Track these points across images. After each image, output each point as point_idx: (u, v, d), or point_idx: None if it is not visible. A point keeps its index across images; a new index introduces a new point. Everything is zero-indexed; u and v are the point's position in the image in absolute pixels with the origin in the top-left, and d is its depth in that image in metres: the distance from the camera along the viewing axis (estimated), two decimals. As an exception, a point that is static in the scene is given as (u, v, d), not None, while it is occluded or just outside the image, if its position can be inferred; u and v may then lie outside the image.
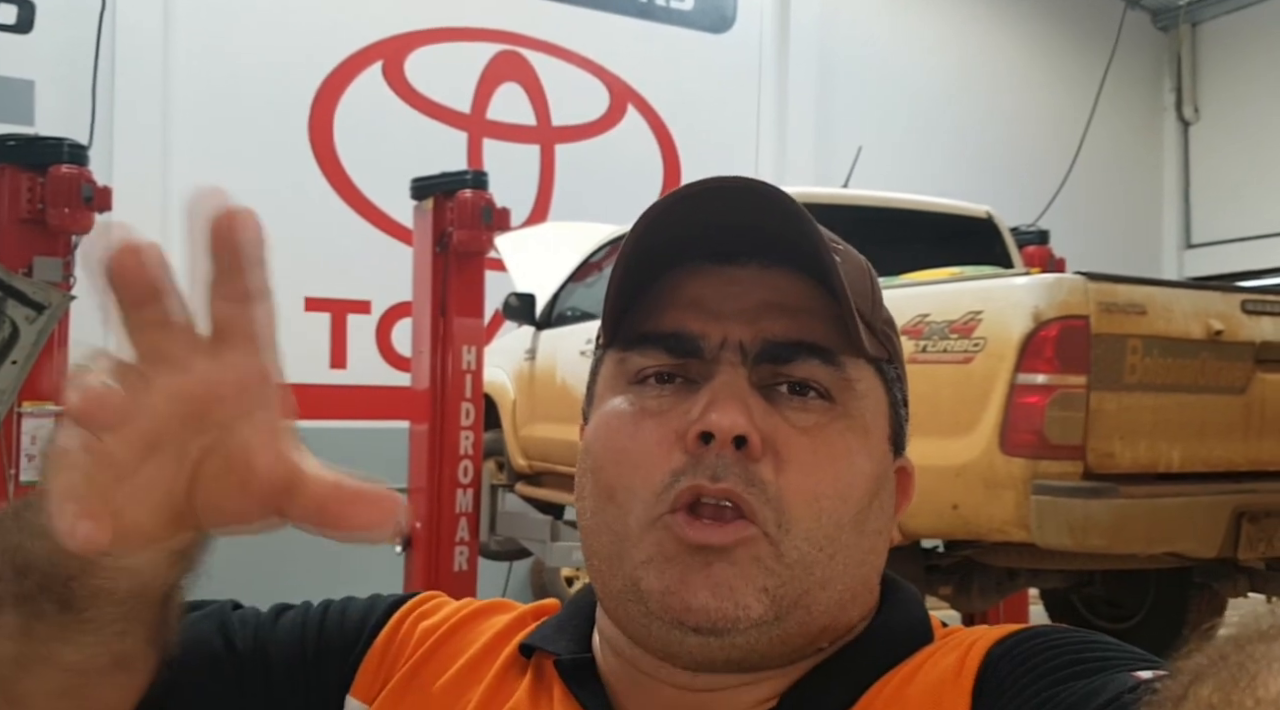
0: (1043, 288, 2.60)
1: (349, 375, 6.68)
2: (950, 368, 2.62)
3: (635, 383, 0.62)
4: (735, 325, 0.61)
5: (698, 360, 0.61)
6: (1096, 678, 0.51)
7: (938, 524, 2.76)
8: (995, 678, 0.55)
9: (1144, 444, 2.65)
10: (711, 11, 7.88)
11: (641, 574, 0.58)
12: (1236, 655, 0.36)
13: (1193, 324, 2.72)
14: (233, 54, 6.37)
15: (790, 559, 0.57)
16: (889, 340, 0.65)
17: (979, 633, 0.60)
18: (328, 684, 0.69)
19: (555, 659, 0.65)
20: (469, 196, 4.15)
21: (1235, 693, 0.34)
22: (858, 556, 0.60)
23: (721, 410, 0.57)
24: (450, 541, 4.23)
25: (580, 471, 0.64)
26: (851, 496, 0.59)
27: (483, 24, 7.20)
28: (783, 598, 0.57)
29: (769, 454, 0.58)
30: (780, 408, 0.60)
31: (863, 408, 0.62)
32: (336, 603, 0.73)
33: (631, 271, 0.61)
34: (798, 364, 0.60)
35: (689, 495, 0.57)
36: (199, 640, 0.67)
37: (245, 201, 0.64)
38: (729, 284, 0.62)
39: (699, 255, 0.62)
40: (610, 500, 0.60)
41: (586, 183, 7.19)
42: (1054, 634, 0.57)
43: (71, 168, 3.66)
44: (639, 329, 0.62)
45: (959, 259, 3.46)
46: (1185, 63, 9.80)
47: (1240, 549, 2.71)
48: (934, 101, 8.52)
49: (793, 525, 0.57)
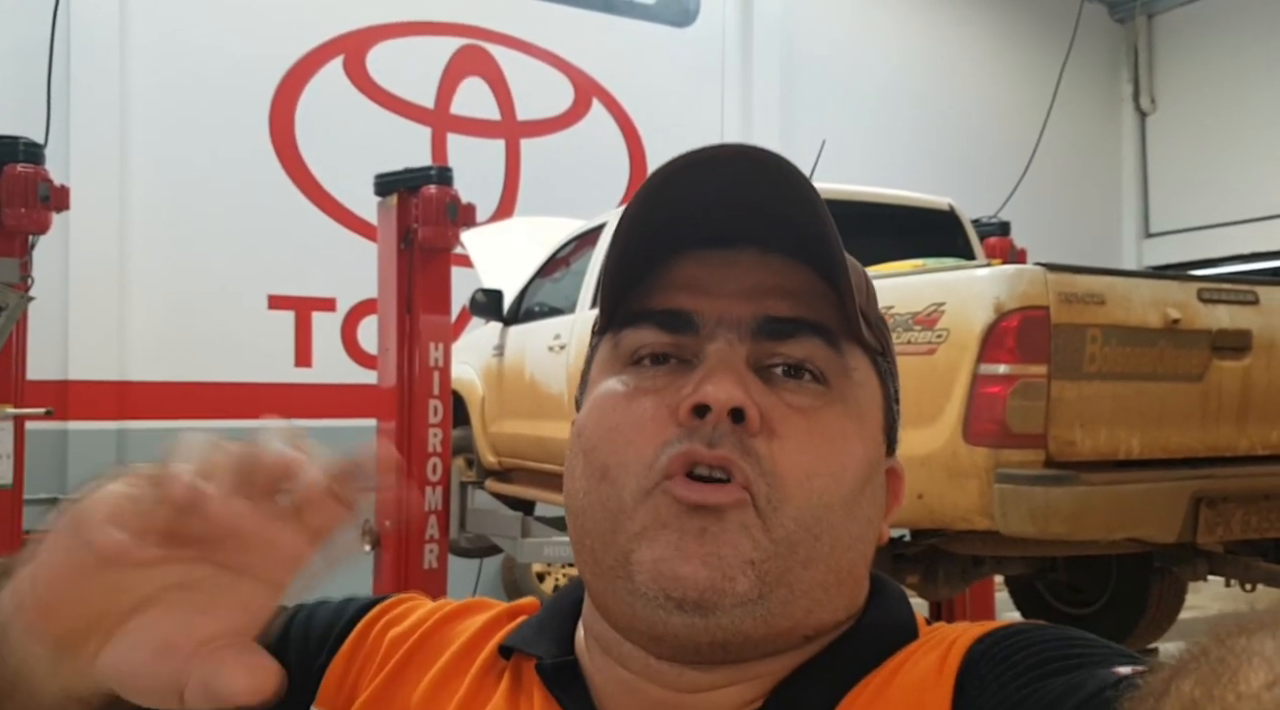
0: (1003, 279, 2.63)
1: (314, 373, 6.63)
2: (914, 359, 2.65)
3: (630, 364, 0.61)
4: (733, 303, 0.60)
5: (693, 336, 0.60)
6: (1077, 673, 0.51)
7: (904, 513, 2.79)
8: (976, 676, 0.55)
9: (1104, 432, 2.70)
10: (674, 5, 7.89)
11: (634, 546, 0.57)
12: (1217, 650, 0.36)
13: (1151, 313, 2.77)
14: (191, 49, 6.29)
15: (776, 536, 0.56)
16: (883, 335, 0.65)
17: (960, 630, 0.60)
18: (291, 696, 0.65)
19: (536, 662, 0.64)
20: (434, 192, 4.13)
21: (1217, 688, 0.34)
22: (844, 541, 0.59)
23: (718, 383, 0.57)
24: (420, 539, 4.21)
25: (571, 454, 0.62)
26: (844, 478, 0.59)
27: (445, 18, 7.16)
28: (767, 573, 0.56)
29: (765, 430, 0.57)
30: (776, 388, 0.59)
31: (859, 395, 0.61)
32: (305, 610, 0.72)
33: (627, 257, 0.60)
34: (798, 341, 0.60)
35: (683, 459, 0.57)
36: None
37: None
38: (727, 266, 0.61)
39: (696, 241, 0.61)
40: (603, 478, 0.59)
41: (552, 177, 7.18)
42: (1034, 631, 0.57)
43: (28, 167, 3.60)
44: (633, 308, 0.62)
45: (922, 251, 3.49)
46: (1142, 54, 9.94)
47: (1199, 533, 2.76)
48: (896, 94, 8.58)
49: (783, 502, 0.57)
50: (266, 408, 6.54)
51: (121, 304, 6.10)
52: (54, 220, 3.71)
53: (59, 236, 5.31)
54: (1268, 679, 0.34)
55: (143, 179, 6.17)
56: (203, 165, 6.31)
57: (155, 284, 6.18)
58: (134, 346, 6.13)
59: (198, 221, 6.27)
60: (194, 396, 6.23)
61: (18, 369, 3.64)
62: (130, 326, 6.12)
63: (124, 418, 6.04)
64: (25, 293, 3.52)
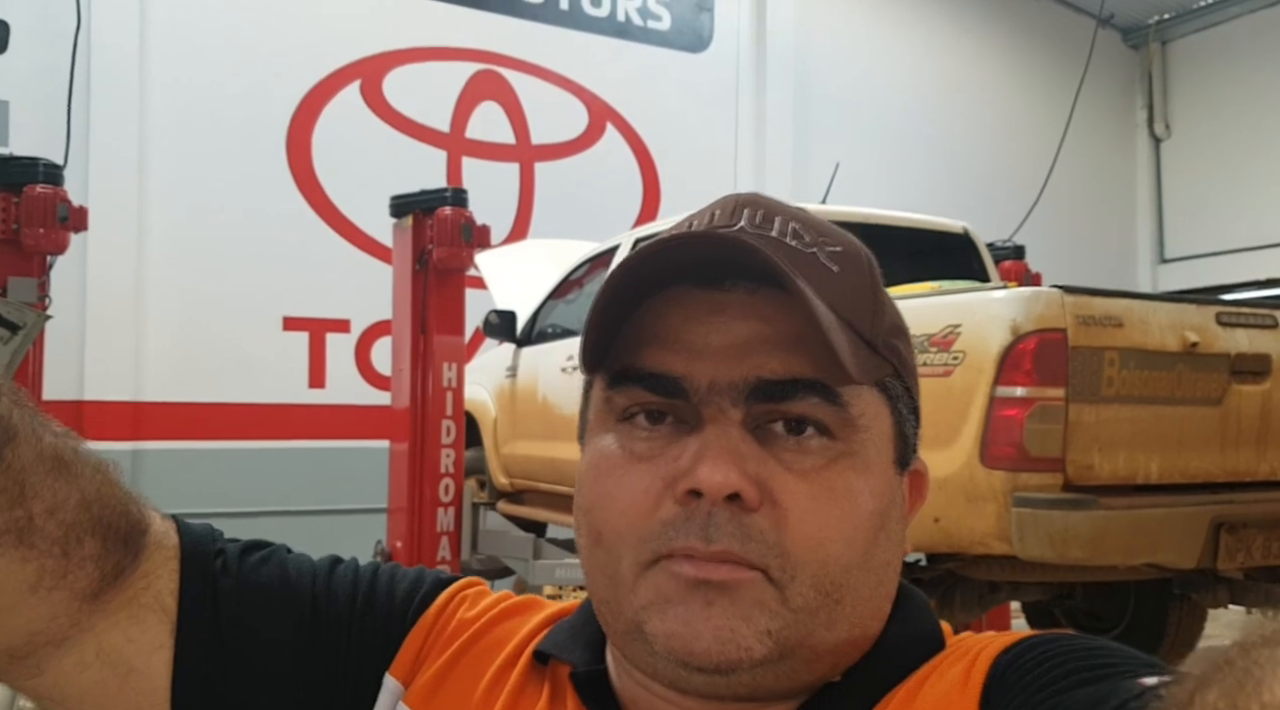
0: (1020, 301, 2.61)
1: (328, 394, 6.65)
2: (930, 381, 2.63)
3: (623, 419, 0.60)
4: (723, 364, 0.58)
5: (684, 401, 0.58)
6: (1103, 684, 0.50)
7: (920, 537, 2.76)
8: (1002, 687, 0.55)
9: (1122, 455, 2.67)
10: (688, 31, 7.94)
11: (644, 618, 0.57)
12: (1242, 660, 0.36)
13: (1169, 336, 2.75)
14: (210, 73, 6.36)
15: (795, 605, 0.56)
16: (894, 351, 0.62)
17: (985, 641, 0.60)
18: (369, 651, 0.68)
19: (570, 670, 0.64)
20: (449, 213, 4.14)
21: (1241, 698, 0.34)
22: (865, 592, 0.59)
23: (711, 465, 0.55)
24: (431, 560, 4.19)
25: (575, 508, 0.62)
26: (857, 538, 0.58)
27: (461, 44, 7.22)
28: (786, 640, 0.56)
29: (766, 503, 0.56)
30: (776, 450, 0.57)
31: (864, 441, 0.59)
32: (385, 567, 0.72)
33: (615, 298, 0.59)
34: (796, 401, 0.57)
35: (682, 556, 0.56)
36: (261, 583, 0.67)
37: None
38: (715, 314, 0.59)
39: (683, 279, 0.60)
40: (599, 544, 0.59)
41: (566, 200, 7.21)
42: (1059, 641, 0.57)
43: (47, 188, 3.62)
44: (622, 362, 0.60)
45: (936, 274, 3.48)
46: (1156, 80, 9.94)
47: (1219, 559, 2.73)
48: (910, 119, 8.59)
49: (799, 572, 0.56)
50: (280, 429, 6.56)
51: (137, 325, 6.14)
52: (72, 241, 3.74)
53: (77, 257, 5.35)
54: None
55: (160, 201, 6.22)
56: (220, 187, 6.35)
57: (171, 305, 6.22)
58: (149, 367, 6.16)
59: (214, 243, 6.31)
60: (208, 417, 6.25)
61: (34, 389, 3.65)
62: (146, 347, 6.15)
63: (139, 438, 6.06)
64: (43, 311, 3.54)
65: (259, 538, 0.72)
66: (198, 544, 0.67)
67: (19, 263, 3.61)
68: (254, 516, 6.16)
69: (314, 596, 0.68)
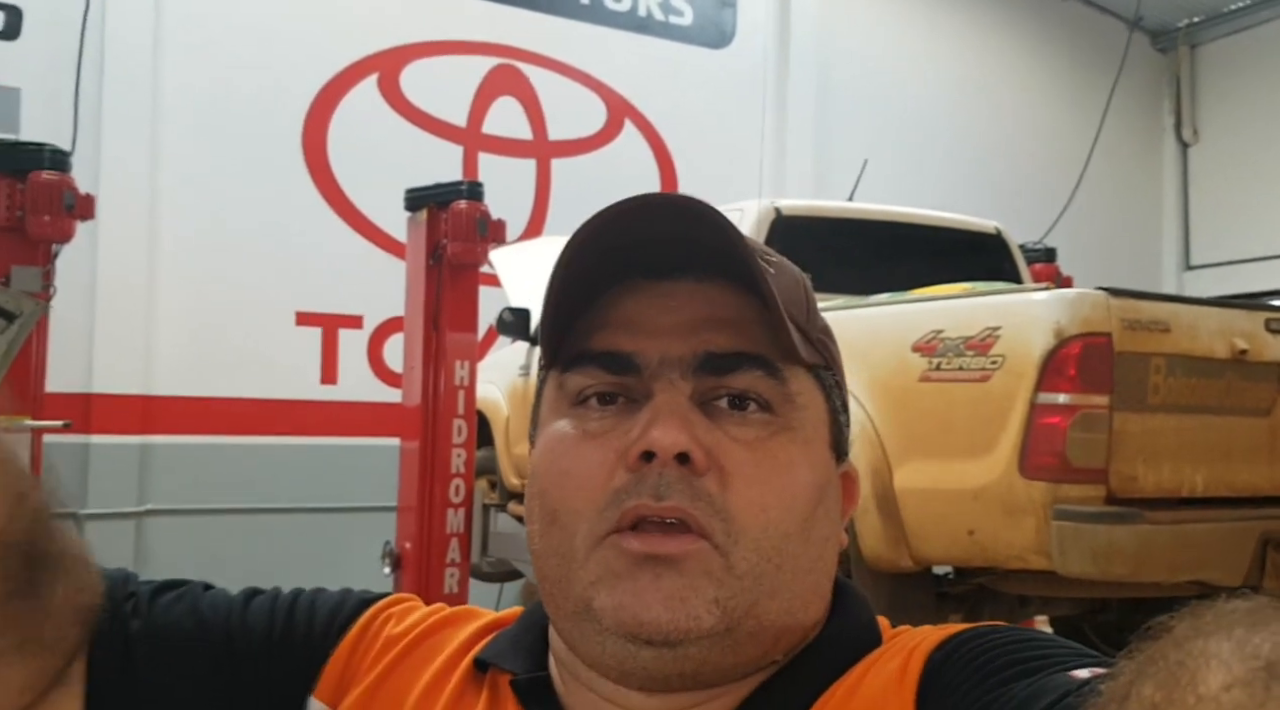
0: (1064, 303, 2.49)
1: (340, 391, 6.56)
2: (966, 386, 2.51)
3: (577, 404, 0.62)
4: (673, 341, 0.61)
5: (636, 377, 0.61)
6: (1037, 677, 0.51)
7: (952, 550, 2.64)
8: (938, 682, 0.56)
9: (1168, 467, 2.54)
10: (710, 26, 7.82)
11: (592, 594, 0.58)
12: (1175, 653, 0.36)
13: (1217, 343, 2.62)
14: (225, 64, 6.28)
15: (740, 570, 0.57)
16: (825, 348, 0.66)
17: (921, 635, 0.61)
18: (289, 678, 0.68)
19: (510, 678, 0.65)
20: (464, 207, 4.05)
21: (1177, 691, 0.35)
22: (805, 564, 0.61)
23: (663, 427, 0.58)
24: (441, 562, 4.10)
25: (528, 496, 0.63)
26: (796, 507, 0.60)
27: (479, 37, 7.13)
28: (733, 609, 0.57)
29: (713, 468, 0.58)
30: (721, 423, 0.60)
31: (804, 419, 0.62)
32: (307, 593, 0.73)
33: (566, 292, 0.61)
34: (739, 374, 0.60)
35: (633, 515, 0.57)
36: (171, 623, 0.68)
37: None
38: (664, 298, 0.62)
39: (633, 272, 0.62)
40: (554, 523, 0.60)
41: (583, 197, 7.04)
42: (993, 634, 0.58)
43: (53, 174, 3.53)
44: (575, 349, 0.62)
45: (967, 275, 3.36)
46: (1184, 85, 9.78)
47: (1266, 577, 2.60)
48: (933, 120, 8.47)
49: (741, 536, 0.58)
50: (291, 425, 6.48)
51: (148, 317, 6.06)
52: (83, 231, 3.65)
53: (87, 248, 5.28)
54: (1225, 680, 0.34)
55: (173, 192, 6.14)
56: (234, 179, 6.28)
57: (183, 298, 6.14)
58: (159, 360, 6.08)
59: (227, 235, 6.23)
60: (219, 412, 6.17)
61: (36, 381, 3.57)
62: (156, 340, 6.08)
63: (148, 432, 5.98)
64: (42, 300, 3.45)
65: (175, 578, 0.72)
66: (111, 588, 0.68)
67: (23, 251, 3.53)
68: (263, 513, 6.09)
69: (228, 632, 0.68)
